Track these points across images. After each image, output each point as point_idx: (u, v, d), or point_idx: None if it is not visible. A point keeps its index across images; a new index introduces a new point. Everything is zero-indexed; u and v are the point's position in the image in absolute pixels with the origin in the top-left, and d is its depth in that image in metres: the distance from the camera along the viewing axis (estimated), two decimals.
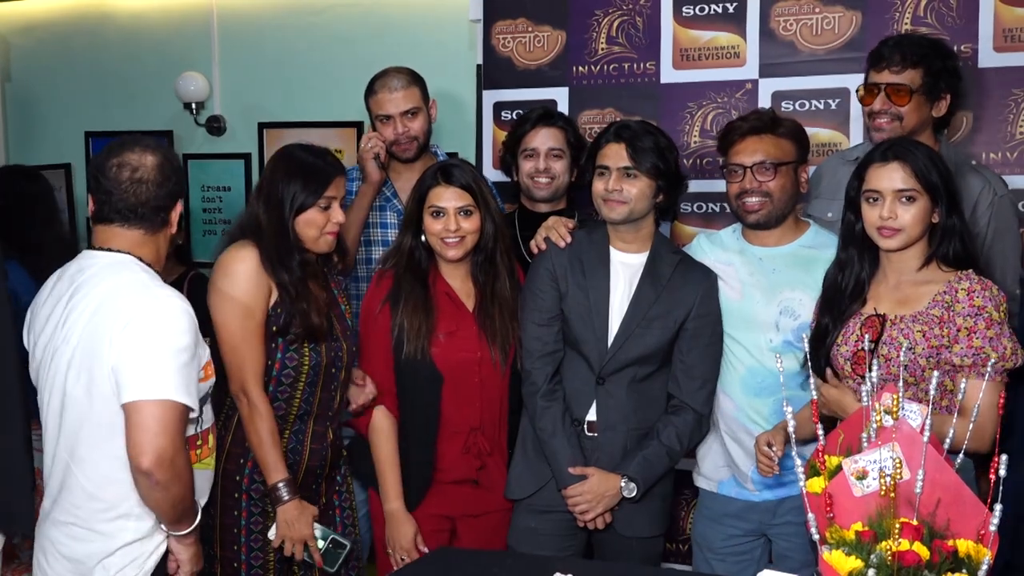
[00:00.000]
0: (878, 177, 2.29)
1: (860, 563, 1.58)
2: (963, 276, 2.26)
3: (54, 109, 4.92)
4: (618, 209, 2.55)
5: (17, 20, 4.98)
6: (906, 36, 2.84)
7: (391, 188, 3.25)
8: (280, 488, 2.44)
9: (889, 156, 2.29)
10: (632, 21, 3.47)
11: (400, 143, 3.16)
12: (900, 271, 2.34)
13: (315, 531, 2.49)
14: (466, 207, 2.60)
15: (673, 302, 2.58)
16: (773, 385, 2.54)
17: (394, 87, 3.14)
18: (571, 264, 2.63)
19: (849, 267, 2.39)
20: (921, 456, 1.61)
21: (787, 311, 2.56)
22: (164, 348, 2.04)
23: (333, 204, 2.49)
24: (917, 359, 2.23)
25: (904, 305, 2.30)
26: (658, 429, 2.59)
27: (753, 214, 2.57)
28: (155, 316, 2.05)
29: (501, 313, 2.65)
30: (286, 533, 2.46)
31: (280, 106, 4.49)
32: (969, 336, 2.19)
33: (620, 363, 2.58)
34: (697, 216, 3.41)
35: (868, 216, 2.31)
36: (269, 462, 2.43)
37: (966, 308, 2.21)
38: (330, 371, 2.53)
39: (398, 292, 2.61)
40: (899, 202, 2.26)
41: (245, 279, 2.42)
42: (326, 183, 2.47)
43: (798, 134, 2.62)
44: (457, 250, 2.61)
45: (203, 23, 4.59)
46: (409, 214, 2.68)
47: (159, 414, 2.02)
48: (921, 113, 2.73)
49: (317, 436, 2.55)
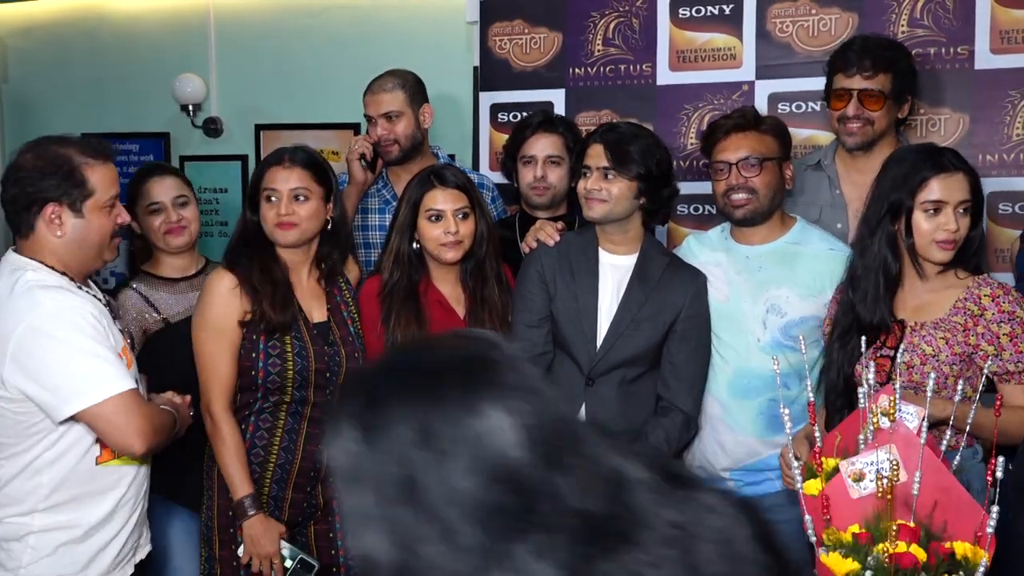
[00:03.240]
0: (943, 187, 2.22)
1: (857, 565, 1.58)
2: (981, 282, 2.25)
3: (51, 111, 4.91)
4: (597, 208, 2.55)
5: (14, 22, 4.97)
6: (868, 39, 2.83)
7: (391, 191, 3.24)
8: (244, 503, 2.46)
9: (952, 166, 2.24)
10: (628, 23, 3.47)
11: (383, 145, 3.17)
12: (924, 277, 2.30)
13: (283, 549, 2.48)
14: (463, 209, 2.59)
15: (662, 304, 2.58)
16: (760, 387, 2.55)
17: (377, 89, 3.15)
18: (560, 266, 2.63)
19: (881, 301, 2.28)
20: (918, 458, 1.61)
21: (773, 308, 2.56)
22: (78, 349, 2.06)
23: (281, 197, 2.50)
24: (940, 366, 2.22)
25: (922, 312, 2.28)
26: (647, 431, 2.58)
27: (740, 209, 2.57)
28: (51, 321, 2.06)
29: (491, 318, 2.63)
30: (251, 549, 2.47)
31: (277, 108, 4.48)
32: (1013, 342, 2.18)
33: (609, 365, 2.57)
34: (692, 218, 3.41)
35: (925, 226, 2.23)
36: (233, 480, 2.47)
37: (996, 315, 2.20)
38: (324, 375, 2.52)
39: (389, 311, 2.58)
40: (959, 214, 2.22)
41: (214, 298, 2.49)
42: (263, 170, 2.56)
43: (780, 130, 2.63)
44: (456, 252, 2.59)
45: (200, 25, 4.59)
46: (403, 219, 2.64)
47: (119, 405, 2.06)
48: (890, 117, 2.78)
49: (312, 438, 2.53)
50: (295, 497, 2.54)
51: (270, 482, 2.53)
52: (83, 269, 2.22)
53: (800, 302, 2.55)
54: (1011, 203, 3.03)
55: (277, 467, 2.52)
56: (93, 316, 2.10)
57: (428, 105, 3.23)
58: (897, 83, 2.75)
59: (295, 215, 2.49)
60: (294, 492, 2.53)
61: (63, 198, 2.13)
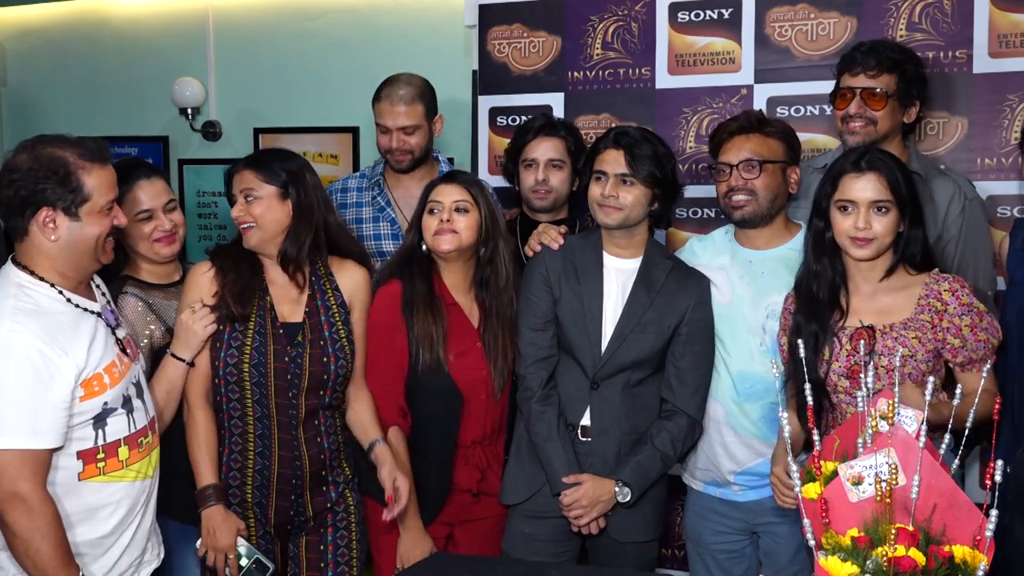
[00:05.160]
0: (853, 187, 2.30)
1: (856, 569, 1.58)
2: (937, 277, 2.31)
3: (50, 114, 4.92)
4: (613, 215, 2.55)
5: (13, 25, 4.97)
6: (879, 42, 2.85)
7: (386, 197, 3.24)
8: (206, 492, 2.48)
9: (863, 166, 2.30)
10: (627, 27, 3.47)
11: (394, 153, 3.16)
12: (868, 279, 2.36)
13: (240, 547, 2.48)
14: (461, 202, 2.60)
15: (667, 307, 2.58)
16: (763, 390, 2.57)
17: (397, 100, 3.12)
18: (565, 269, 2.63)
19: (824, 277, 2.38)
20: (917, 461, 1.60)
21: (773, 315, 2.57)
22: (5, 387, 1.99)
23: (236, 199, 2.54)
24: (919, 364, 2.26)
25: (887, 314, 2.32)
26: (652, 434, 2.59)
27: (739, 211, 2.58)
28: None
29: (504, 333, 2.63)
30: (207, 541, 2.47)
31: (276, 111, 4.49)
32: (974, 331, 2.26)
33: (614, 368, 2.58)
34: (692, 221, 3.41)
35: (840, 225, 2.31)
36: (198, 468, 2.50)
37: (957, 308, 2.27)
38: (284, 376, 2.50)
39: (409, 299, 2.59)
40: (873, 212, 2.28)
41: (191, 283, 2.56)
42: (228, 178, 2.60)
43: (787, 135, 2.64)
44: (449, 243, 2.58)
45: (199, 29, 4.59)
46: (414, 216, 2.70)
47: (13, 460, 2.00)
48: (894, 118, 2.76)
49: (285, 444, 2.52)
50: (280, 504, 2.53)
51: (252, 489, 2.53)
52: (80, 274, 2.18)
53: None
54: (1009, 206, 3.03)
55: (256, 473, 2.52)
56: (41, 357, 2.02)
57: (441, 115, 3.25)
58: (902, 85, 2.74)
59: (248, 216, 2.51)
60: (278, 499, 2.53)
61: (58, 203, 2.09)
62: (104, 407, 2.15)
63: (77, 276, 2.18)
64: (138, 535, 2.27)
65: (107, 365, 2.15)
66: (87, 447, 2.13)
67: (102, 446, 2.15)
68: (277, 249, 2.55)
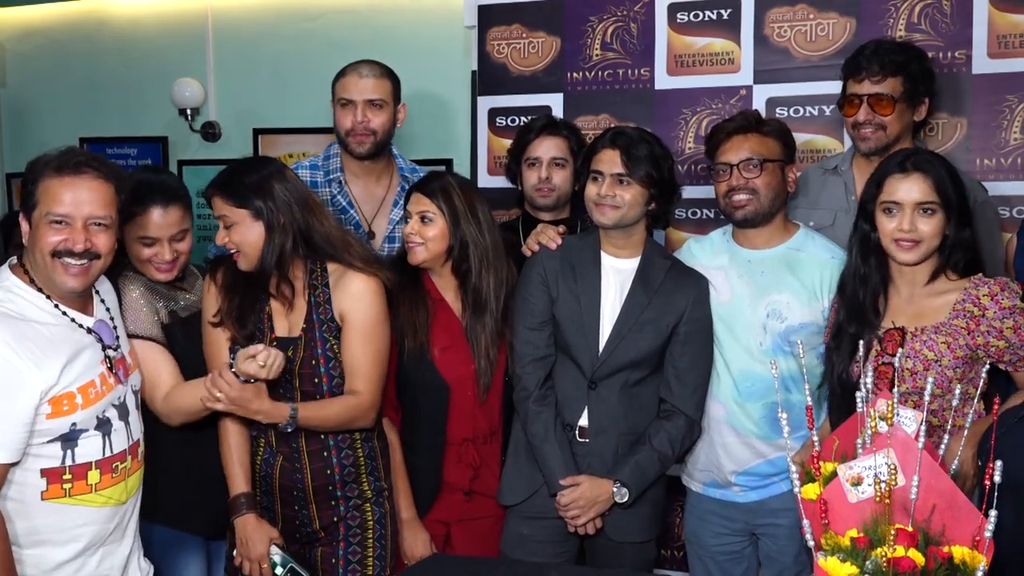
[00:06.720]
0: (898, 188, 2.27)
1: (856, 569, 1.58)
2: (977, 282, 2.27)
3: (49, 115, 4.91)
4: (609, 214, 2.55)
5: (13, 26, 4.97)
6: (880, 43, 2.84)
7: (347, 198, 3.10)
8: (238, 501, 2.46)
9: (909, 167, 2.27)
10: (627, 27, 3.47)
11: (356, 132, 3.00)
12: (912, 283, 2.33)
13: (274, 555, 2.43)
14: (423, 212, 2.61)
15: (665, 307, 2.58)
16: (763, 390, 2.56)
17: (364, 73, 3.02)
18: (562, 269, 2.63)
19: (868, 280, 2.36)
20: (916, 462, 1.60)
21: (774, 314, 2.57)
22: None
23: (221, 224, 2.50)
24: (944, 371, 2.24)
25: (921, 317, 2.30)
26: (650, 434, 2.58)
27: (740, 210, 2.58)
28: None
29: (487, 332, 2.62)
30: (241, 550, 2.45)
31: (275, 112, 4.48)
32: (1017, 332, 2.22)
33: (611, 368, 2.57)
34: (691, 222, 3.41)
35: (885, 227, 2.29)
36: (231, 476, 2.48)
37: (997, 312, 2.22)
38: (277, 391, 2.42)
39: (393, 290, 2.58)
40: (918, 214, 2.25)
41: (207, 296, 2.53)
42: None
43: (784, 134, 2.64)
44: (418, 254, 2.60)
45: (198, 29, 4.59)
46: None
47: None
48: (904, 120, 2.76)
49: (286, 455, 2.49)
50: (286, 513, 2.52)
51: (260, 493, 2.53)
52: (53, 289, 2.12)
53: (800, 308, 2.55)
54: (1008, 207, 3.03)
55: (261, 479, 2.52)
56: (6, 365, 1.97)
57: (404, 104, 3.14)
58: (909, 86, 2.74)
59: (231, 244, 2.45)
60: (283, 508, 2.51)
61: (24, 206, 2.14)
62: (72, 428, 2.07)
63: (54, 290, 2.13)
64: (105, 566, 2.18)
65: (83, 385, 2.09)
66: (53, 466, 2.06)
67: (70, 467, 2.08)
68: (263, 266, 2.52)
